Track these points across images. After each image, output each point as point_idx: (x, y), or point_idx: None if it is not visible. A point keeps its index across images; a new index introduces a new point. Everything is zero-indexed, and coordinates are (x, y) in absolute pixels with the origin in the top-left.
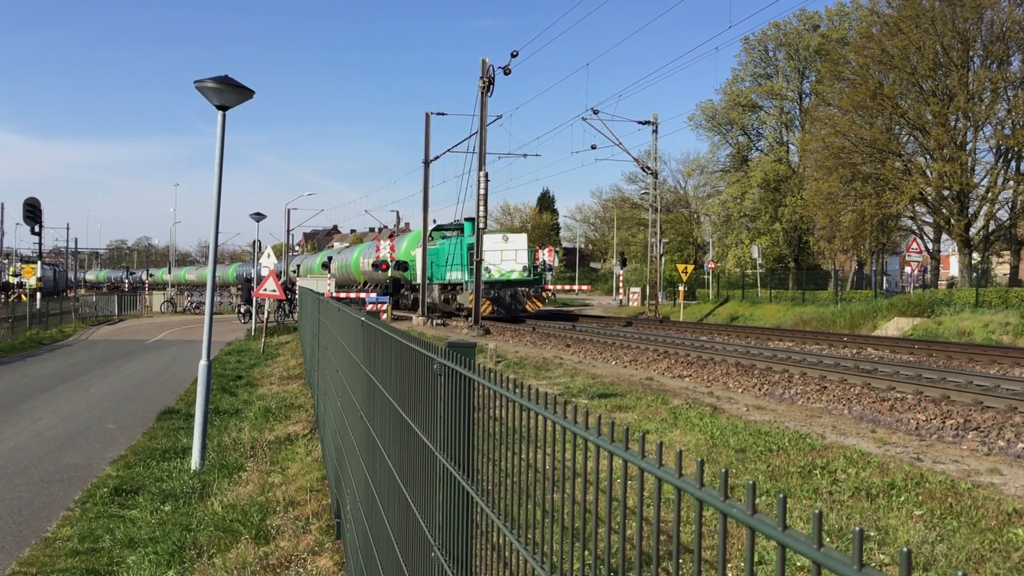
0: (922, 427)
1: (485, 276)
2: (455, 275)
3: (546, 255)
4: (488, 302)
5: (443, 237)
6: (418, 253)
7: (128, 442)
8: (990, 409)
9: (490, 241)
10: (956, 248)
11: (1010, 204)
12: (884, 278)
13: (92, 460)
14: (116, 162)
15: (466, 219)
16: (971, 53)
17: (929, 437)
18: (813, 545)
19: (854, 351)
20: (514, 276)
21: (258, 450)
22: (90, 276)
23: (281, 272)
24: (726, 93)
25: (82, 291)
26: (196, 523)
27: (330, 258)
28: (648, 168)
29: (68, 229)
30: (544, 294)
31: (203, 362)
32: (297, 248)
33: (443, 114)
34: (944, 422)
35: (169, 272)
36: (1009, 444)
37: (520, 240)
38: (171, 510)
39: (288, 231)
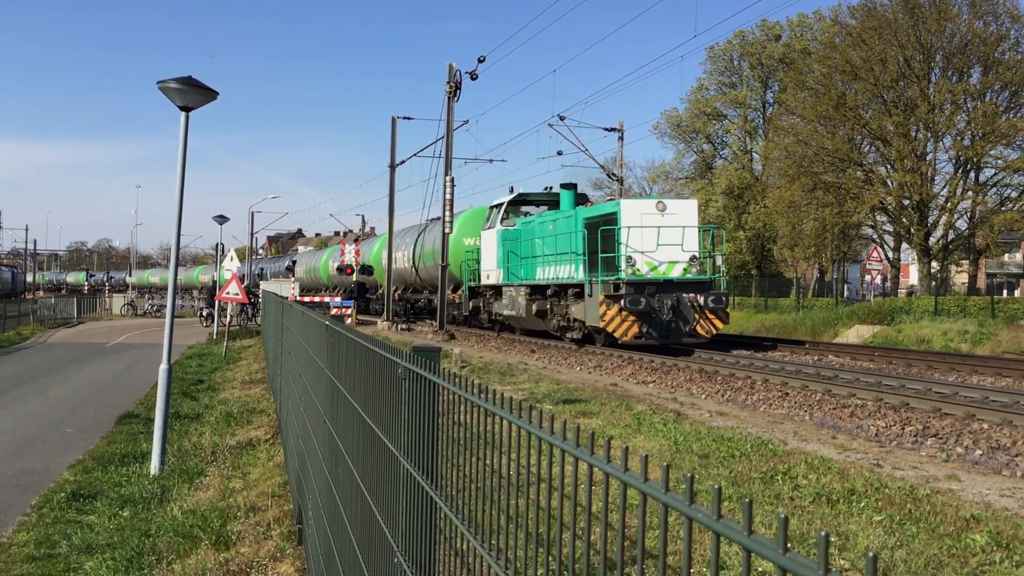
0: (882, 433)
1: (626, 273)
2: (564, 271)
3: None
4: (631, 318)
5: (525, 215)
6: (484, 242)
7: (87, 446)
8: (948, 416)
9: (635, 210)
10: (916, 257)
11: (968, 214)
12: (845, 286)
13: (49, 464)
14: (77, 163)
15: (563, 185)
16: (932, 65)
17: (889, 443)
18: (778, 550)
19: (815, 358)
20: (675, 274)
21: (219, 455)
22: (70, 279)
23: (244, 276)
24: (691, 102)
25: (40, 293)
26: (155, 529)
27: (298, 258)
28: (614, 175)
29: (27, 230)
30: (727, 306)
31: (164, 366)
32: (261, 251)
33: (409, 118)
34: (903, 429)
35: (131, 274)
36: (967, 451)
37: (687, 211)
38: (130, 515)
39: (252, 234)
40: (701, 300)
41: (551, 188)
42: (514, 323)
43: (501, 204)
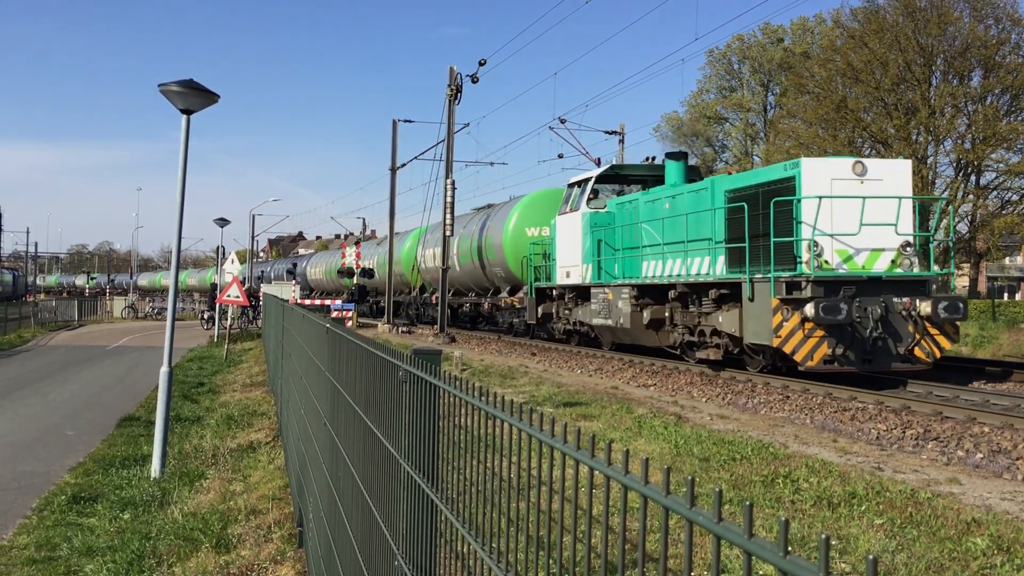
0: (883, 437)
1: (810, 266)
2: (695, 264)
3: None
4: (819, 333)
5: (618, 193)
6: (561, 230)
7: (87, 449)
8: (949, 419)
9: (821, 174)
10: None
11: (969, 218)
12: None
13: (50, 467)
14: (78, 166)
15: (669, 155)
16: (933, 68)
17: (890, 447)
18: (779, 553)
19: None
20: (881, 267)
21: (220, 458)
22: (79, 281)
23: (246, 278)
24: (691, 106)
25: (42, 296)
26: (156, 531)
27: (299, 262)
28: None
29: (28, 233)
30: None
31: (164, 368)
32: (262, 254)
33: (410, 121)
34: (904, 432)
35: (132, 276)
36: (968, 454)
37: (898, 175)
38: (130, 518)
39: (253, 237)
40: (926, 307)
41: (653, 159)
42: (608, 335)
43: (586, 180)
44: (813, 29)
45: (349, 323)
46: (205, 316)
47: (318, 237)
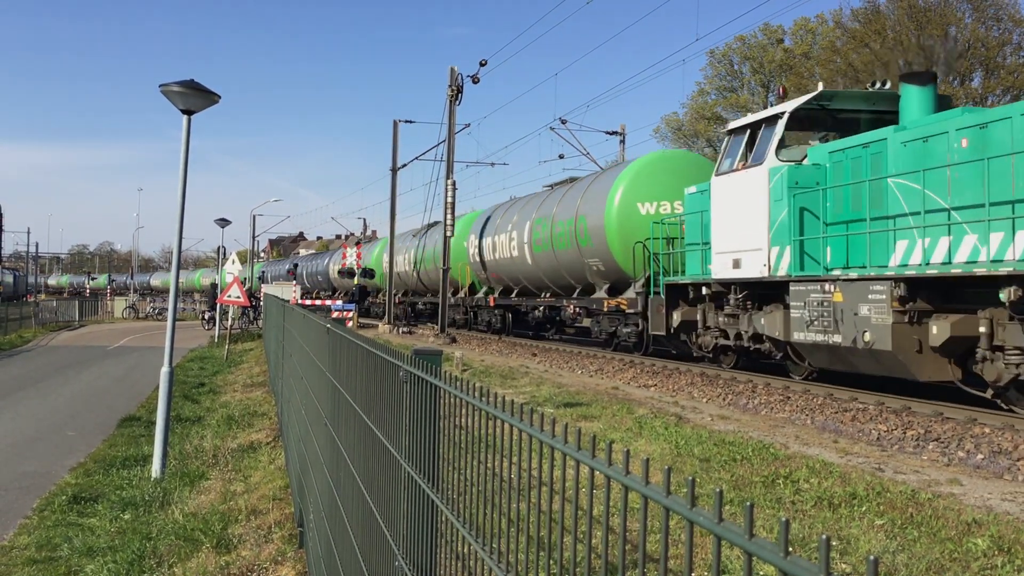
0: (883, 437)
1: None
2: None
3: None
4: None
5: (821, 139)
6: (721, 198)
7: (88, 449)
8: (950, 420)
9: None
10: None
11: None
12: None
13: (51, 467)
14: (79, 166)
15: (906, 77)
16: (935, 69)
17: (890, 447)
18: (780, 553)
19: None
20: None
21: (220, 458)
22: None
23: (246, 279)
24: (691, 107)
25: (42, 296)
26: (156, 532)
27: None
28: None
29: (29, 233)
30: None
31: (165, 368)
32: (263, 255)
33: (411, 122)
34: (905, 433)
35: (131, 277)
36: (969, 455)
37: None
38: (131, 519)
39: (254, 237)
40: None
41: (884, 84)
42: (822, 359)
43: (773, 118)
44: (814, 30)
45: (350, 323)
46: (206, 316)
47: (319, 237)
